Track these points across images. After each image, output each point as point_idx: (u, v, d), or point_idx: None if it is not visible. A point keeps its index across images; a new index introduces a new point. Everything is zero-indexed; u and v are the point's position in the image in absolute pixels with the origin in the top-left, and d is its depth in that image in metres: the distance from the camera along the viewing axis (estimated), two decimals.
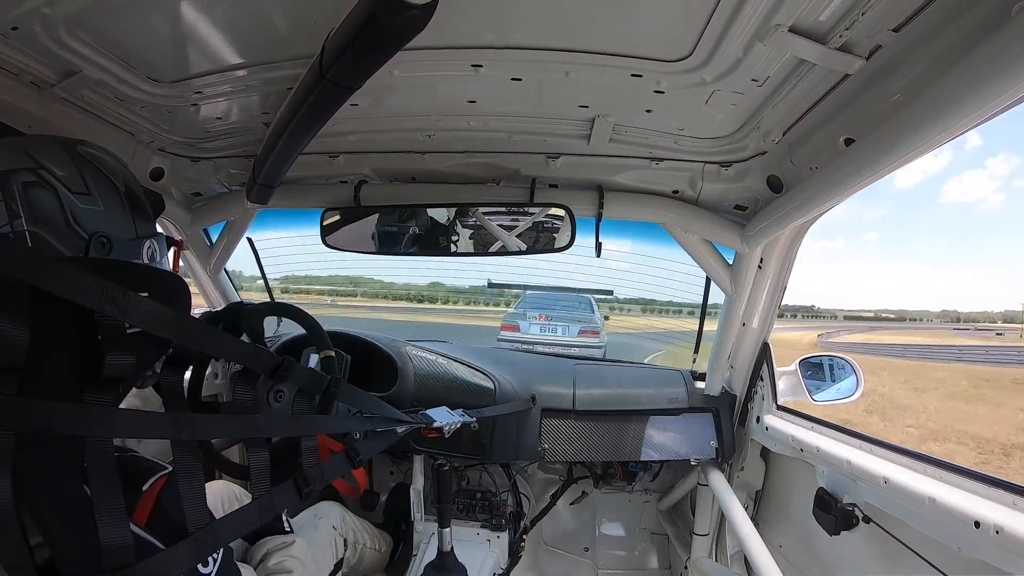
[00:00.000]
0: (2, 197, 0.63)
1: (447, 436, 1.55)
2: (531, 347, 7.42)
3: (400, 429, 1.30)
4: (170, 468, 0.70)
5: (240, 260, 2.10)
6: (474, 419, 1.61)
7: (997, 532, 0.91)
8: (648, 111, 1.17)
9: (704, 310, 2.04)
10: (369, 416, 1.22)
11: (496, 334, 9.40)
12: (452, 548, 1.57)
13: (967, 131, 0.73)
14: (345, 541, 1.70)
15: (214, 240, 1.96)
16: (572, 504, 2.32)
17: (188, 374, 1.13)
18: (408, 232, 1.73)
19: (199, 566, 0.67)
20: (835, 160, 1.01)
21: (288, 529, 1.35)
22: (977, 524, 0.95)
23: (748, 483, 1.90)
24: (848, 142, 1.01)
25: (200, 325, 0.70)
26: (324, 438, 1.34)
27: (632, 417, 1.94)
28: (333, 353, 1.29)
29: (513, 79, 1.08)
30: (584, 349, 8.42)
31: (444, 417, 1.54)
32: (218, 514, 0.72)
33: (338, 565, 1.64)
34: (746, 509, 1.73)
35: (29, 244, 0.63)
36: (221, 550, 0.71)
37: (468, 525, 2.01)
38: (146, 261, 0.75)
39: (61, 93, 1.09)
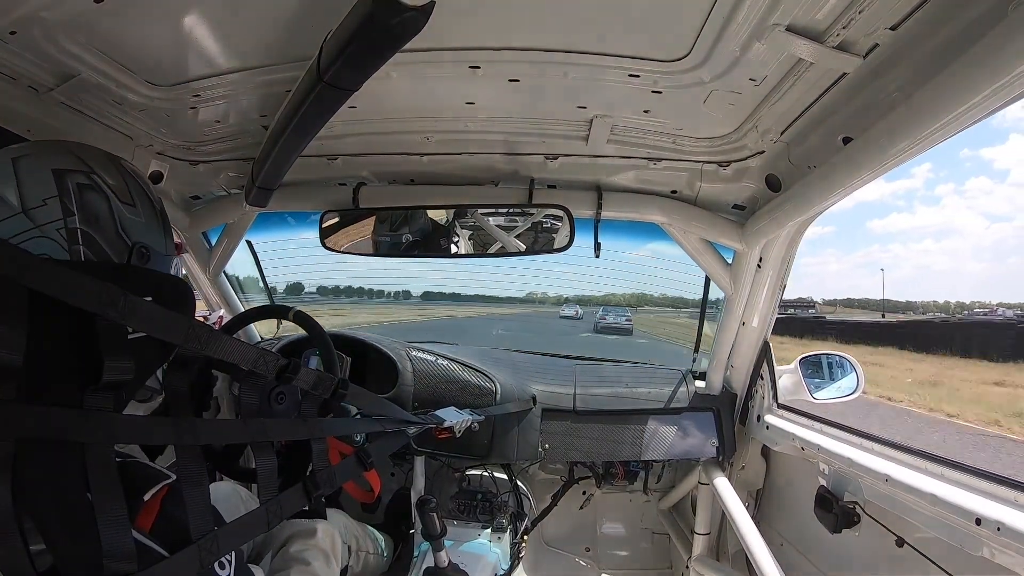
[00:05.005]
0: (57, 193, 0.64)
1: (459, 435, 1.54)
2: (606, 323, 20.95)
3: (410, 430, 1.30)
4: (174, 476, 0.69)
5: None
6: (482, 418, 1.61)
7: (998, 529, 0.91)
8: (646, 111, 1.17)
9: (704, 309, 2.04)
10: (379, 418, 1.21)
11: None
12: (450, 561, 1.55)
13: (965, 128, 0.73)
14: (349, 548, 1.68)
15: (213, 243, 1.96)
16: (580, 509, 2.32)
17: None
18: (407, 234, 1.73)
19: (215, 566, 0.67)
20: (833, 158, 1.01)
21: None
22: (978, 521, 0.95)
23: (749, 482, 1.90)
24: (846, 140, 1.01)
25: (204, 328, 0.69)
26: (334, 441, 1.33)
27: (632, 417, 1.94)
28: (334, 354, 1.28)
29: (511, 80, 1.08)
30: (627, 322, 21.19)
31: (454, 416, 1.53)
32: (223, 516, 0.72)
33: (343, 573, 1.63)
34: (747, 508, 1.73)
35: (80, 243, 0.65)
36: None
37: (469, 526, 2.01)
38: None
39: (59, 97, 1.09)
